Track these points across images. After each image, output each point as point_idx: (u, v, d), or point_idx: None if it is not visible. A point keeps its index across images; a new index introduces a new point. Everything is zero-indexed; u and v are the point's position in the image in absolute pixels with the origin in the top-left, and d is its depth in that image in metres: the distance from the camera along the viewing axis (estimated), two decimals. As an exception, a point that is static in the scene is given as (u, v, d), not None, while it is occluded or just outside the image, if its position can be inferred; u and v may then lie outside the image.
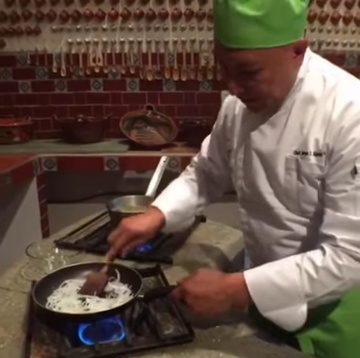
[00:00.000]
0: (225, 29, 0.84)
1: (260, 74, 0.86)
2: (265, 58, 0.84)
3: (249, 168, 1.02)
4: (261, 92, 0.90)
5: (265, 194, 0.99)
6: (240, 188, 1.07)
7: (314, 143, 0.90)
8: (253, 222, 1.06)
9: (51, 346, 0.86)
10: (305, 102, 0.93)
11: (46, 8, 2.99)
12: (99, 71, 3.08)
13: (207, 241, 1.41)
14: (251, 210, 1.06)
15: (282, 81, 0.91)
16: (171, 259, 1.24)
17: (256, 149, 1.00)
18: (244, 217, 1.09)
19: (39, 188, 2.77)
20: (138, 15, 2.99)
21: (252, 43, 0.83)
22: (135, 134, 3.06)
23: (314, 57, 0.97)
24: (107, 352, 0.83)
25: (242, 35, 0.82)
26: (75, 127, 2.98)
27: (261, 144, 0.99)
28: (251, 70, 0.86)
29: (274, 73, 0.87)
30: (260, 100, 0.93)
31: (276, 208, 0.98)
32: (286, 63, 0.88)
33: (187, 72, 3.07)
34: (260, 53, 0.83)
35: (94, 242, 1.35)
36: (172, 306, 0.99)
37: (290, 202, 0.96)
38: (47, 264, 1.17)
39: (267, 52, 0.83)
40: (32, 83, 3.13)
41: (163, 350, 0.85)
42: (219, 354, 0.84)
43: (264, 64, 0.85)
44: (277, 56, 0.85)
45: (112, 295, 0.97)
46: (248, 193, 1.05)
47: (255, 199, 1.02)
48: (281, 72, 0.88)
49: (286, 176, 0.94)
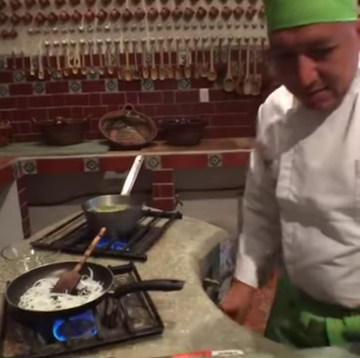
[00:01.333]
0: (290, 8, 0.76)
1: (335, 53, 0.77)
2: (340, 33, 0.76)
3: (301, 177, 0.92)
4: (336, 76, 0.80)
5: (325, 204, 0.88)
6: (286, 199, 0.96)
7: None
8: (301, 236, 0.95)
9: (25, 343, 0.88)
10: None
11: (22, 11, 3.00)
12: (77, 73, 3.10)
13: (182, 237, 1.44)
14: (301, 222, 0.95)
15: (351, 64, 0.81)
16: (145, 256, 1.27)
17: (311, 153, 0.90)
18: (289, 228, 0.98)
19: (20, 191, 2.77)
20: (114, 16, 3.01)
21: (326, 16, 0.75)
22: (115, 134, 3.08)
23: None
24: (79, 347, 0.85)
25: (313, 8, 0.75)
26: (54, 129, 2.99)
27: (319, 149, 0.89)
28: (325, 48, 0.76)
29: (348, 53, 0.79)
30: (332, 88, 0.82)
31: (338, 221, 0.88)
32: (354, 42, 0.79)
33: (165, 71, 3.10)
34: (333, 27, 0.75)
35: (70, 242, 1.36)
36: (144, 301, 1.02)
37: (358, 212, 0.86)
38: (22, 265, 1.18)
39: (341, 26, 0.76)
40: (10, 86, 3.13)
41: (133, 342, 0.88)
42: (187, 344, 0.87)
43: (339, 40, 0.76)
44: (347, 32, 0.77)
45: (84, 292, 0.99)
46: (300, 205, 0.93)
47: (308, 211, 0.92)
48: (351, 53, 0.80)
49: (357, 181, 0.83)
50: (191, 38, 3.05)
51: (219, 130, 3.17)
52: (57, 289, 0.99)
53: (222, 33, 3.04)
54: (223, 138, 3.14)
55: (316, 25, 0.75)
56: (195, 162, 2.81)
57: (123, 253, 1.31)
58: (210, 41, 3.05)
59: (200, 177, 3.10)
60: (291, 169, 0.94)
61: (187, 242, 1.41)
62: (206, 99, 3.17)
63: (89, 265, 1.08)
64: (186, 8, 2.99)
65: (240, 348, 0.84)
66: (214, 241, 1.48)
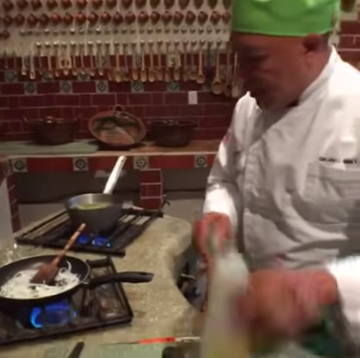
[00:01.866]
0: (236, 14, 0.87)
1: (265, 62, 0.86)
2: (269, 46, 0.84)
3: (263, 172, 0.98)
4: (268, 83, 0.88)
5: (279, 201, 0.94)
6: (249, 192, 1.02)
7: (343, 150, 0.86)
8: (259, 228, 1.01)
9: (2, 329, 0.94)
10: (331, 106, 0.89)
11: (14, 12, 3.05)
12: (68, 73, 3.15)
13: (160, 234, 1.51)
14: (259, 216, 1.01)
15: (291, 75, 0.88)
16: (123, 252, 1.34)
17: (273, 152, 0.96)
18: (249, 220, 1.04)
19: (9, 189, 2.83)
20: (105, 18, 3.07)
21: (257, 28, 0.84)
22: (105, 135, 3.14)
23: (339, 60, 0.94)
24: (53, 332, 0.92)
25: (248, 19, 0.84)
26: (45, 129, 3.05)
27: (279, 147, 0.95)
28: (256, 56, 0.86)
29: (281, 64, 0.86)
30: (268, 93, 0.91)
31: (290, 217, 0.94)
32: (294, 56, 0.86)
33: (154, 73, 3.17)
34: (264, 39, 0.84)
35: (52, 237, 1.43)
36: (118, 293, 1.09)
37: (308, 211, 0.91)
38: (6, 258, 1.25)
39: (272, 40, 0.84)
40: (1, 86, 3.18)
41: (104, 329, 0.95)
42: (154, 332, 0.94)
43: (268, 52, 0.85)
44: (283, 46, 0.84)
45: (61, 284, 1.06)
46: (259, 198, 1.00)
47: (266, 205, 0.98)
48: (289, 65, 0.87)
49: (307, 183, 0.90)
50: (180, 41, 3.12)
51: (207, 132, 3.24)
52: (36, 280, 1.05)
53: (211, 37, 3.11)
54: (211, 140, 3.21)
55: (248, 35, 0.85)
56: (182, 163, 2.88)
57: (102, 248, 1.37)
58: (199, 44, 3.12)
59: (187, 177, 3.16)
60: (255, 164, 1.00)
61: (165, 239, 1.48)
62: (194, 101, 3.24)
63: (68, 259, 1.15)
64: (176, 12, 3.06)
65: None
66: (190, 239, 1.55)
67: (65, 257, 1.14)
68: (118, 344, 0.87)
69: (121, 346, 0.86)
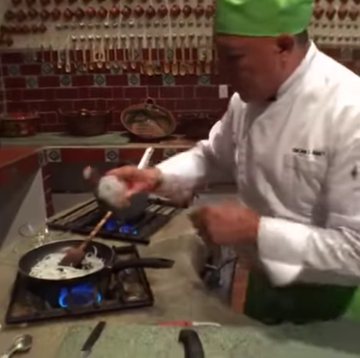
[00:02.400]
0: (216, 16, 0.94)
1: (241, 61, 0.91)
2: (244, 46, 0.89)
3: (250, 163, 1.05)
4: (244, 79, 0.94)
5: (262, 189, 1.01)
6: (241, 182, 1.10)
7: (314, 142, 0.90)
8: None
9: (32, 307, 1.01)
10: (306, 100, 0.94)
11: (51, 7, 3.14)
12: (102, 67, 3.22)
13: (185, 224, 1.54)
14: (249, 204, 1.08)
15: (266, 73, 0.93)
16: (148, 240, 1.38)
17: (256, 144, 1.02)
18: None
19: (44, 178, 2.94)
20: (138, 12, 3.12)
21: (232, 29, 0.89)
22: (136, 127, 3.20)
23: (318, 55, 0.97)
24: (77, 312, 0.98)
25: (225, 22, 0.90)
26: (79, 120, 3.13)
27: (261, 140, 1.01)
28: (232, 55, 0.91)
29: (255, 63, 0.91)
30: (245, 89, 0.98)
31: (272, 204, 1.00)
32: (268, 55, 0.91)
33: (186, 67, 3.19)
34: (240, 40, 0.89)
35: (81, 224, 1.50)
36: (141, 278, 1.13)
37: (286, 198, 0.97)
38: (37, 242, 1.32)
39: (246, 40, 0.89)
40: (38, 79, 3.29)
41: (126, 311, 0.99)
42: (173, 315, 0.98)
43: (244, 51, 0.90)
44: (257, 46, 0.89)
45: (87, 267, 1.12)
46: (248, 187, 1.07)
47: (253, 194, 1.05)
48: (263, 63, 0.92)
49: (284, 173, 0.96)
50: (212, 35, 3.12)
51: (237, 125, 3.24)
52: (64, 262, 1.11)
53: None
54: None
55: (225, 36, 0.91)
56: (212, 156, 2.90)
57: (129, 236, 1.43)
58: (231, 38, 3.12)
59: (216, 170, 3.18)
60: (244, 156, 1.07)
61: (189, 229, 1.50)
62: (225, 95, 3.23)
63: (94, 244, 1.20)
64: (208, 6, 3.07)
65: (219, 322, 0.94)
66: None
67: (92, 242, 1.20)
68: (137, 325, 0.91)
69: (140, 327, 0.90)
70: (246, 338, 0.86)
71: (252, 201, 1.07)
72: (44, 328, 0.94)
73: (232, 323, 0.95)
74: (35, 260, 1.14)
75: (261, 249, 0.90)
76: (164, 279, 1.15)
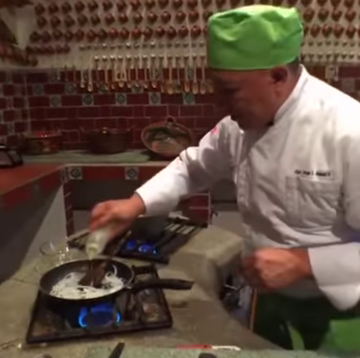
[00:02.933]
0: (209, 52, 0.96)
1: (237, 93, 0.94)
2: (239, 79, 0.92)
3: (251, 186, 1.07)
4: (240, 110, 0.98)
5: (266, 211, 1.03)
6: (242, 204, 1.12)
7: (317, 163, 0.93)
8: (254, 237, 1.10)
9: (52, 327, 1.02)
10: (302, 123, 0.97)
11: (75, 28, 3.23)
12: (123, 86, 3.28)
13: (205, 244, 1.54)
14: (253, 225, 1.10)
15: (262, 102, 0.96)
16: (167, 259, 1.38)
17: (257, 168, 1.04)
18: (247, 231, 1.13)
19: (65, 195, 2.98)
20: (160, 33, 3.17)
21: (227, 65, 0.92)
22: (156, 145, 3.22)
23: (311, 80, 1.01)
24: (96, 332, 0.98)
25: (219, 57, 0.92)
26: (100, 139, 3.18)
27: (261, 163, 1.03)
28: (228, 89, 0.95)
29: (251, 94, 0.94)
30: (243, 118, 1.01)
31: (277, 225, 1.02)
32: (263, 87, 0.94)
33: (206, 86, 3.22)
34: (234, 74, 0.92)
35: (101, 243, 1.50)
36: (160, 298, 1.13)
37: (292, 219, 1.00)
38: (58, 260, 1.33)
39: (241, 74, 0.92)
40: (62, 98, 3.37)
41: (145, 333, 0.99)
42: (192, 338, 0.97)
43: (239, 84, 0.93)
44: (252, 79, 0.92)
45: (106, 286, 1.12)
46: (250, 210, 1.09)
47: (256, 216, 1.07)
48: (258, 94, 0.95)
49: (287, 194, 0.98)
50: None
51: (257, 143, 3.24)
52: (84, 282, 1.12)
53: (263, 49, 3.12)
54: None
55: (219, 71, 0.94)
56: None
57: (148, 255, 1.43)
58: (251, 57, 3.14)
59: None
60: (245, 179, 1.10)
61: (209, 249, 1.51)
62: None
63: (114, 263, 1.21)
64: (228, 25, 3.10)
65: (239, 346, 0.93)
66: (236, 250, 1.57)
67: (112, 262, 1.20)
68: (156, 348, 0.91)
69: (159, 350, 0.89)
70: (266, 363, 0.85)
71: (255, 223, 1.10)
72: (63, 348, 0.94)
73: (252, 346, 0.93)
74: (56, 279, 1.15)
75: (319, 280, 0.90)
76: (183, 300, 1.14)
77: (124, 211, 1.21)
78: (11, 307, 1.12)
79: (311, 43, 3.09)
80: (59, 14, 3.21)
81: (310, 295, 1.01)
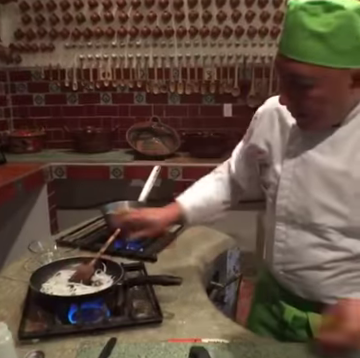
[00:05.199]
0: (288, 39, 0.87)
1: (312, 90, 0.87)
2: (319, 75, 0.85)
3: (302, 189, 0.99)
4: (311, 109, 0.90)
5: (321, 220, 0.96)
6: (285, 208, 1.03)
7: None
8: (294, 241, 1.03)
9: (43, 323, 1.02)
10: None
11: (60, 26, 3.22)
12: (108, 85, 3.28)
13: (191, 242, 1.56)
14: (295, 230, 1.02)
15: (336, 105, 0.90)
16: (155, 257, 1.40)
17: (319, 171, 0.96)
18: (281, 235, 1.05)
19: (49, 194, 2.96)
20: (145, 32, 3.19)
21: (310, 58, 0.84)
22: (141, 145, 3.24)
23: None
24: (88, 328, 0.99)
25: (302, 48, 0.84)
26: (84, 138, 3.18)
27: (328, 166, 0.95)
28: (304, 84, 0.87)
29: (327, 94, 0.87)
30: (310, 118, 0.92)
31: (329, 233, 0.96)
32: (341, 88, 0.88)
33: (191, 86, 3.25)
34: (315, 69, 0.84)
35: (89, 241, 1.51)
36: (149, 295, 1.15)
37: (353, 229, 0.94)
38: (47, 258, 1.33)
39: (323, 70, 0.84)
40: (46, 96, 3.35)
41: (135, 328, 1.01)
42: (182, 333, 0.99)
43: (317, 81, 0.86)
44: (332, 77, 0.85)
45: (96, 284, 1.13)
46: (297, 214, 1.01)
47: (304, 221, 1.00)
48: (335, 95, 0.88)
49: (356, 202, 0.92)
50: (217, 55, 3.19)
51: (241, 144, 3.27)
52: (74, 279, 1.13)
53: (247, 51, 3.16)
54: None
55: (299, 63, 0.85)
56: (216, 174, 2.93)
57: (136, 253, 1.44)
58: (235, 58, 3.18)
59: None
60: (291, 180, 1.01)
61: (196, 247, 1.53)
62: (229, 114, 3.29)
63: (103, 261, 1.22)
64: (213, 26, 3.14)
65: (227, 339, 0.96)
66: (222, 248, 1.60)
67: (101, 259, 1.21)
68: (148, 342, 0.93)
69: (150, 344, 0.91)
70: (255, 354, 0.87)
71: (299, 228, 1.02)
72: (55, 344, 0.95)
73: (240, 339, 0.96)
74: (46, 277, 1.16)
75: None
76: (172, 296, 1.16)
77: (156, 216, 1.17)
78: (0, 305, 1.12)
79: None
80: (44, 12, 3.19)
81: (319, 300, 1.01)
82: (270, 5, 3.10)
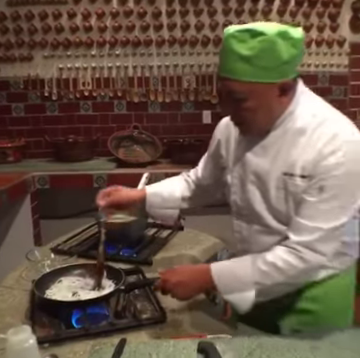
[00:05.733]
0: (223, 61, 1.04)
1: (245, 103, 1.03)
2: (249, 90, 1.02)
3: (244, 185, 1.17)
4: (246, 118, 1.07)
5: (258, 209, 1.14)
6: (235, 202, 1.22)
7: (301, 167, 1.05)
8: (245, 230, 1.22)
9: (51, 329, 1.05)
10: (297, 134, 1.07)
11: (38, 36, 3.21)
12: (88, 94, 3.30)
13: (183, 246, 1.62)
14: (244, 220, 1.21)
15: (266, 113, 1.07)
16: (151, 261, 1.44)
17: (252, 169, 1.14)
18: (237, 227, 1.24)
19: (32, 204, 2.95)
20: (124, 42, 3.23)
21: (239, 76, 1.01)
22: (122, 152, 3.27)
23: (306, 92, 1.12)
24: (95, 331, 1.03)
25: (233, 68, 1.01)
26: (66, 147, 3.18)
27: (255, 165, 1.13)
28: (238, 98, 1.03)
29: (258, 105, 1.04)
30: (246, 125, 1.11)
31: (267, 219, 1.14)
32: (270, 99, 1.04)
33: (171, 94, 3.30)
34: (246, 85, 1.01)
35: (84, 248, 1.54)
36: (150, 297, 1.19)
37: (280, 214, 1.12)
38: (44, 267, 1.36)
39: (252, 86, 1.01)
40: (25, 106, 3.33)
41: (141, 328, 1.05)
42: (186, 330, 1.04)
43: (248, 95, 1.02)
44: (261, 91, 1.02)
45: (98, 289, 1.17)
46: (242, 206, 1.20)
47: (249, 212, 1.18)
48: (265, 105, 1.05)
49: (276, 193, 1.09)
50: (195, 63, 3.26)
51: (221, 149, 3.35)
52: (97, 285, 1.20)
53: (224, 59, 3.25)
54: (224, 157, 3.32)
55: (230, 80, 1.03)
56: (197, 179, 2.99)
57: (130, 258, 1.48)
58: (213, 66, 3.26)
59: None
60: (237, 178, 1.20)
61: (187, 250, 1.59)
62: (208, 120, 3.36)
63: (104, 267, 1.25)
64: (191, 36, 3.21)
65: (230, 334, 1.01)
66: (212, 250, 1.66)
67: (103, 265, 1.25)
68: (156, 340, 0.97)
69: (159, 341, 0.96)
70: (258, 346, 0.93)
71: (246, 219, 1.20)
72: (65, 348, 0.98)
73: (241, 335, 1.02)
74: (48, 284, 1.19)
75: (220, 288, 1.08)
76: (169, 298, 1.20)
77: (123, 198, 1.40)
78: (5, 314, 1.14)
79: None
80: (22, 22, 3.19)
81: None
82: (246, 14, 3.20)
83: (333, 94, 3.33)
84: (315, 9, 3.20)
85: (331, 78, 3.32)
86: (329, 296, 1.17)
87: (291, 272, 1.03)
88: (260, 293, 1.06)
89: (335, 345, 0.94)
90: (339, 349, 0.92)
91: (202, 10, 3.17)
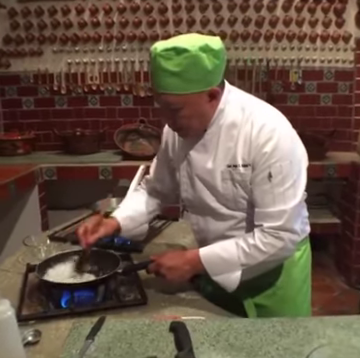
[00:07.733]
0: (155, 79, 1.13)
1: (180, 112, 1.15)
2: (183, 101, 1.13)
3: (192, 182, 1.29)
4: (183, 124, 1.19)
5: (208, 201, 1.26)
6: (187, 198, 1.34)
7: (241, 157, 1.17)
8: (201, 222, 1.33)
9: (39, 307, 1.13)
10: (229, 128, 1.20)
11: (48, 32, 3.31)
12: (96, 88, 3.38)
13: (176, 235, 1.68)
14: (198, 213, 1.33)
15: (200, 118, 1.18)
16: (142, 248, 1.51)
17: (196, 167, 1.26)
18: (193, 219, 1.36)
19: (40, 195, 3.05)
20: (131, 37, 3.30)
21: (171, 90, 1.11)
22: (128, 146, 3.34)
23: (233, 90, 1.24)
24: (80, 310, 1.10)
25: (164, 84, 1.11)
26: (73, 140, 3.27)
27: (199, 162, 1.25)
28: (173, 108, 1.14)
29: (191, 112, 1.15)
30: (184, 130, 1.22)
31: (218, 209, 1.26)
32: (201, 105, 1.16)
33: (176, 89, 3.35)
34: (179, 97, 1.12)
35: (79, 236, 1.61)
36: (136, 282, 1.26)
37: (228, 202, 1.24)
38: (40, 252, 1.44)
39: (184, 97, 1.12)
40: (35, 100, 3.44)
41: (122, 310, 1.12)
42: (164, 313, 1.11)
43: (182, 105, 1.13)
44: (192, 100, 1.13)
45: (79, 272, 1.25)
46: (194, 201, 1.31)
47: (200, 205, 1.29)
48: (198, 111, 1.16)
49: (223, 184, 1.21)
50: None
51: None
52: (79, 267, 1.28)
53: (230, 54, 3.28)
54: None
55: (164, 95, 1.13)
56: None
57: (123, 246, 1.55)
58: (218, 61, 3.29)
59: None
60: (186, 177, 1.31)
61: (180, 239, 1.65)
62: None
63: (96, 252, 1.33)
64: (197, 31, 3.25)
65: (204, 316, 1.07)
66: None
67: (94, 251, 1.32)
68: (134, 319, 1.04)
69: (136, 320, 1.03)
70: (228, 327, 0.99)
71: (200, 211, 1.31)
72: (50, 325, 1.06)
73: (216, 318, 1.08)
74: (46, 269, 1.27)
75: (209, 271, 1.19)
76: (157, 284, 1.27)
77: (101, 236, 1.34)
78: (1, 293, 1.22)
79: (276, 48, 3.28)
80: (32, 18, 3.28)
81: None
82: (251, 10, 3.23)
83: (338, 90, 3.33)
84: (320, 4, 3.22)
85: (336, 74, 3.33)
86: (288, 269, 1.29)
87: (271, 251, 1.15)
88: (245, 273, 1.17)
89: (302, 329, 0.99)
90: (306, 334, 0.97)
91: (207, 5, 3.21)
